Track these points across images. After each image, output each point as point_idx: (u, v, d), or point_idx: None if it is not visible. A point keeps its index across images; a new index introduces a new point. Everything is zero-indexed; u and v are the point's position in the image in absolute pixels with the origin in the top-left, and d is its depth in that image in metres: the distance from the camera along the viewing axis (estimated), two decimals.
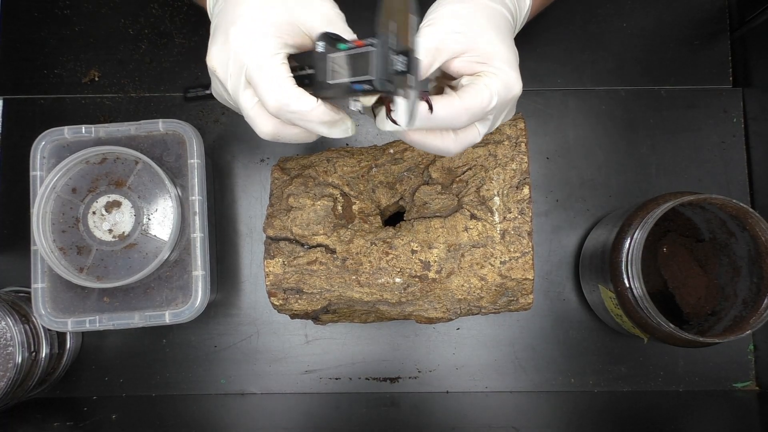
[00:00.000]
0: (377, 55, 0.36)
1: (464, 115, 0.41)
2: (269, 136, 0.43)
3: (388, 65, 0.36)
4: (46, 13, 0.77)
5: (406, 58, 0.36)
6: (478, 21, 0.44)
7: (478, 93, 0.42)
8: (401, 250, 0.57)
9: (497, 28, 0.45)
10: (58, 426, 0.65)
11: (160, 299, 0.65)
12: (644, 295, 0.57)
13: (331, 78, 0.39)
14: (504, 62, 0.43)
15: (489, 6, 0.46)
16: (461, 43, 0.43)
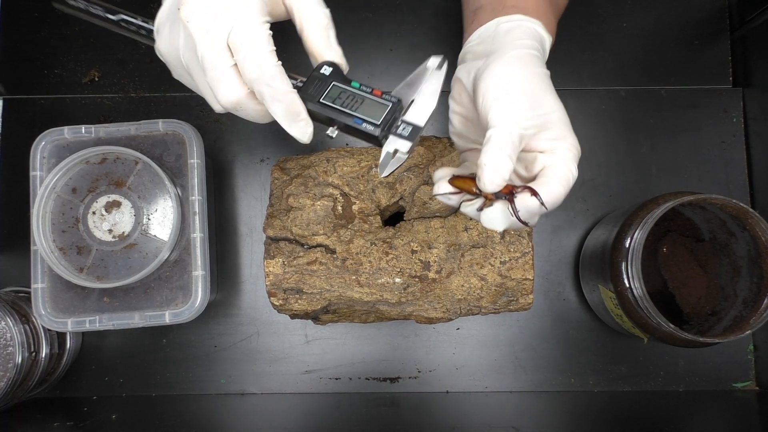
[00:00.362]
0: (389, 112, 0.41)
1: (562, 198, 0.44)
2: (230, 104, 0.42)
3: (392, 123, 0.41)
4: (46, 13, 0.77)
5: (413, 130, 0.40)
6: (545, 97, 0.44)
7: (568, 174, 0.44)
8: (401, 250, 0.57)
9: (556, 97, 0.45)
10: (58, 426, 0.65)
11: (160, 299, 0.65)
12: (644, 295, 0.57)
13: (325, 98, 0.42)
14: (570, 133, 0.45)
15: (544, 75, 0.46)
16: (536, 125, 0.43)
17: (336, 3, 0.76)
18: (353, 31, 0.76)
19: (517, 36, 0.48)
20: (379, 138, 0.41)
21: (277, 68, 0.40)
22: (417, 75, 0.43)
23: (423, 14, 0.77)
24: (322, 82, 0.42)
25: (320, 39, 0.43)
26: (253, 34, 0.40)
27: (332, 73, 0.43)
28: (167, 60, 0.45)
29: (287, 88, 0.41)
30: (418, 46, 0.76)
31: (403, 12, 0.77)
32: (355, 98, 0.42)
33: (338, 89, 0.42)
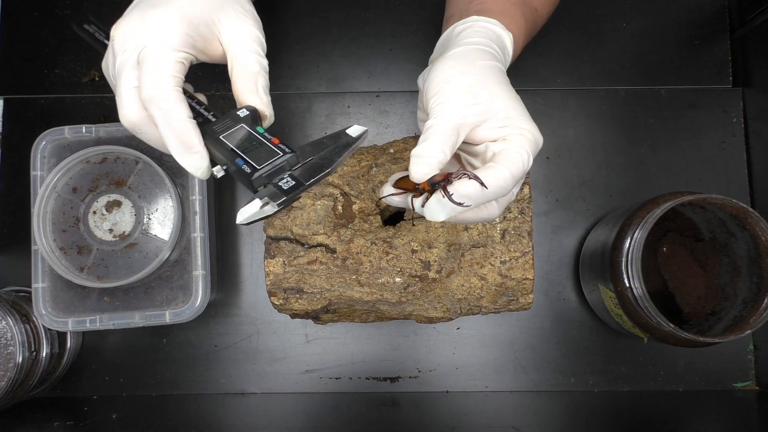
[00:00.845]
0: (279, 160, 0.38)
1: (510, 182, 0.42)
2: (129, 124, 0.42)
3: (275, 174, 0.38)
4: (46, 13, 0.77)
5: (294, 185, 0.37)
6: (487, 86, 0.44)
7: (517, 158, 0.42)
8: (401, 250, 0.57)
9: (504, 86, 0.45)
10: (59, 425, 0.65)
11: (160, 299, 0.65)
12: (644, 295, 0.57)
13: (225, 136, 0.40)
14: (523, 119, 0.44)
15: (491, 66, 0.46)
16: (480, 114, 0.43)
17: (336, 3, 0.77)
18: (353, 31, 0.76)
19: (466, 35, 0.49)
20: (253, 181, 0.38)
21: (174, 93, 0.39)
22: (331, 137, 0.41)
23: (423, 14, 0.77)
24: (232, 122, 0.41)
25: (246, 85, 0.43)
26: (159, 56, 0.40)
27: (247, 116, 0.41)
28: (106, 77, 0.45)
29: (181, 115, 0.39)
30: (418, 46, 0.76)
31: (403, 12, 0.77)
32: (253, 141, 0.39)
33: (243, 131, 0.40)
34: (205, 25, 0.42)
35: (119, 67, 0.41)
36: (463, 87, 0.44)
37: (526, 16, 0.55)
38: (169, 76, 0.40)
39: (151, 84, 0.39)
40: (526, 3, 0.55)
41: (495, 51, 0.49)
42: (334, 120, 0.75)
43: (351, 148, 0.40)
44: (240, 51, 0.43)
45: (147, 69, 0.40)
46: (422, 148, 0.41)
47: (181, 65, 0.41)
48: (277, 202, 0.36)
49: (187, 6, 0.42)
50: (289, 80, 0.76)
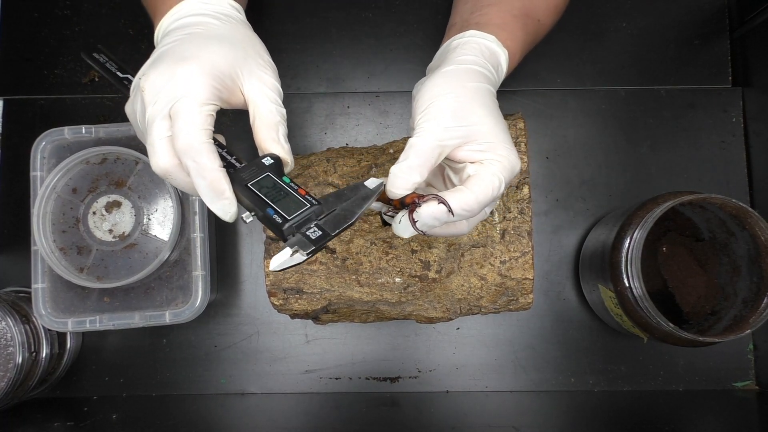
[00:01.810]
0: (306, 211, 0.41)
1: (477, 207, 0.44)
2: (161, 171, 0.44)
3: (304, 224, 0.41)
4: (46, 13, 0.77)
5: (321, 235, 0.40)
6: (473, 109, 0.45)
7: (487, 184, 0.44)
8: (401, 250, 0.57)
9: (491, 112, 0.46)
10: (59, 426, 0.65)
11: (160, 299, 0.65)
12: (644, 295, 0.57)
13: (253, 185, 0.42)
14: (504, 146, 0.45)
15: (479, 89, 0.47)
16: (462, 137, 0.45)
17: (336, 3, 0.77)
18: (353, 31, 0.76)
19: (461, 51, 0.50)
20: (284, 231, 0.40)
21: (206, 145, 0.42)
22: (351, 188, 0.44)
23: (423, 14, 0.77)
24: (258, 170, 0.43)
25: (269, 134, 0.45)
26: (191, 110, 0.42)
27: (271, 165, 0.44)
28: (130, 121, 0.47)
29: (213, 165, 0.42)
30: (418, 47, 0.76)
31: (403, 12, 0.77)
32: (280, 191, 0.42)
33: (270, 180, 0.43)
34: (230, 78, 0.45)
35: (150, 118, 0.43)
36: (449, 108, 0.45)
37: (527, 29, 0.55)
38: (201, 130, 0.42)
39: (185, 137, 0.42)
40: (529, 15, 0.55)
41: (487, 71, 0.49)
42: (334, 120, 0.75)
43: (370, 200, 0.43)
44: (261, 102, 0.45)
45: (181, 123, 0.42)
46: (400, 167, 0.44)
47: (211, 117, 0.43)
48: (306, 251, 0.39)
49: (214, 61, 0.44)
50: (289, 80, 0.76)
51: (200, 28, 0.47)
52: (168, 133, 0.43)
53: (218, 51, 0.45)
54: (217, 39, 0.46)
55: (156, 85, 0.43)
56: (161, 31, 0.50)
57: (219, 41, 0.46)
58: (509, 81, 0.76)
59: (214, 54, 0.44)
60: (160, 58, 0.45)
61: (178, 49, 0.45)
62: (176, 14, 0.49)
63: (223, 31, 0.47)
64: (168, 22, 0.49)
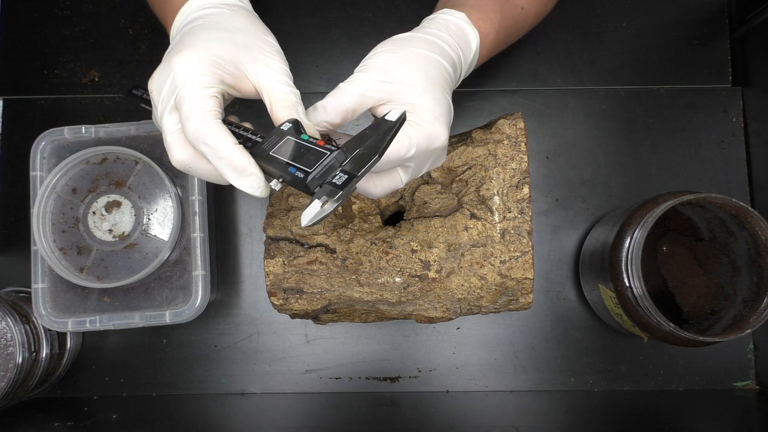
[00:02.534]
0: (327, 159, 0.39)
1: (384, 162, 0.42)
2: (180, 165, 0.43)
3: (327, 173, 0.39)
4: (46, 13, 0.77)
5: (347, 178, 0.38)
6: (408, 71, 0.45)
7: (398, 143, 0.43)
8: (401, 250, 0.57)
9: (428, 79, 0.46)
10: (59, 426, 0.65)
11: (160, 299, 0.65)
12: (644, 295, 0.57)
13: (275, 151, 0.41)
14: (429, 113, 0.44)
15: (424, 55, 0.47)
16: (386, 92, 0.44)
17: (336, 3, 0.77)
18: (353, 31, 0.76)
19: (425, 25, 0.50)
20: (308, 185, 0.39)
21: (214, 126, 0.41)
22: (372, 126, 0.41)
23: (423, 14, 0.76)
24: (278, 137, 0.42)
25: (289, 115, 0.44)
26: (191, 95, 0.41)
27: (290, 128, 0.42)
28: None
29: (226, 144, 0.41)
30: None
31: (403, 12, 0.77)
32: (300, 149, 0.41)
33: (290, 143, 0.42)
34: (231, 64, 0.44)
35: (160, 114, 0.43)
36: (383, 63, 0.45)
37: (505, 13, 0.55)
38: (207, 112, 0.41)
39: (191, 123, 0.41)
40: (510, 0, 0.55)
41: (447, 45, 0.49)
42: None
43: (393, 132, 0.40)
44: (273, 87, 0.44)
45: (185, 110, 0.41)
46: (321, 102, 0.44)
47: (215, 99, 0.42)
48: (334, 198, 0.37)
49: (209, 47, 0.43)
50: None
51: (202, 21, 0.47)
52: (178, 126, 0.42)
53: (215, 38, 0.44)
54: (215, 28, 0.45)
55: (158, 84, 0.43)
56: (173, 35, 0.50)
57: (217, 30, 0.45)
58: (509, 80, 0.76)
59: (209, 42, 0.44)
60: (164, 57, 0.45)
61: (177, 45, 0.45)
62: (184, 13, 0.49)
63: (222, 20, 0.46)
64: (178, 23, 0.49)
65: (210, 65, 0.43)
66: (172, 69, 0.43)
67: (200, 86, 0.42)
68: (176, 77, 0.42)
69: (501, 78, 0.76)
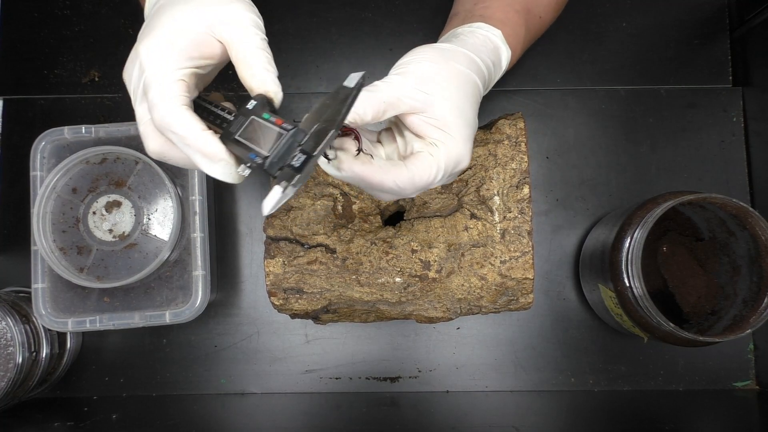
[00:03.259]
0: (283, 141, 0.36)
1: (410, 188, 0.42)
2: (155, 154, 0.42)
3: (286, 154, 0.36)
4: (46, 13, 0.77)
5: (304, 159, 0.36)
6: (447, 87, 0.44)
7: (426, 167, 0.42)
8: (401, 250, 0.57)
9: (465, 97, 0.45)
10: (59, 426, 0.65)
11: (160, 299, 0.65)
12: (644, 295, 0.57)
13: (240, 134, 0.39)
14: (459, 134, 0.43)
15: (464, 74, 0.46)
16: (421, 102, 0.43)
17: (336, 3, 0.77)
18: (353, 31, 0.76)
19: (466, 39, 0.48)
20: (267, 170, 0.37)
21: (179, 113, 0.39)
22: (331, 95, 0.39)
23: (423, 14, 0.77)
24: (245, 118, 0.40)
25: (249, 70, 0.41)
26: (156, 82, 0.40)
27: (256, 106, 0.40)
28: None
29: (193, 131, 0.39)
30: None
31: (403, 12, 0.77)
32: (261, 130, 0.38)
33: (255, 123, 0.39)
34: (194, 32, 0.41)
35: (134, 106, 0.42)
36: (424, 72, 0.43)
37: (529, 26, 0.54)
38: (172, 98, 0.40)
39: (157, 112, 0.40)
40: (530, 11, 0.55)
41: (483, 65, 0.48)
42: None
43: (350, 99, 0.37)
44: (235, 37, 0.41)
45: (150, 99, 0.40)
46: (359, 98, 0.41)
47: (181, 83, 0.41)
48: (292, 183, 0.35)
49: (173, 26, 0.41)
50: (288, 80, 0.76)
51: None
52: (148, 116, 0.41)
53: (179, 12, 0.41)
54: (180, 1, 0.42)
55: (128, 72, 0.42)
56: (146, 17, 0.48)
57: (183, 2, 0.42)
58: (509, 81, 0.76)
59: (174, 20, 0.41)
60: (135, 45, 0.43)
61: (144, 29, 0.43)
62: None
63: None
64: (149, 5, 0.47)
65: (174, 44, 0.41)
66: (138, 55, 0.41)
67: (164, 72, 0.40)
68: (142, 64, 0.41)
69: (501, 78, 0.76)
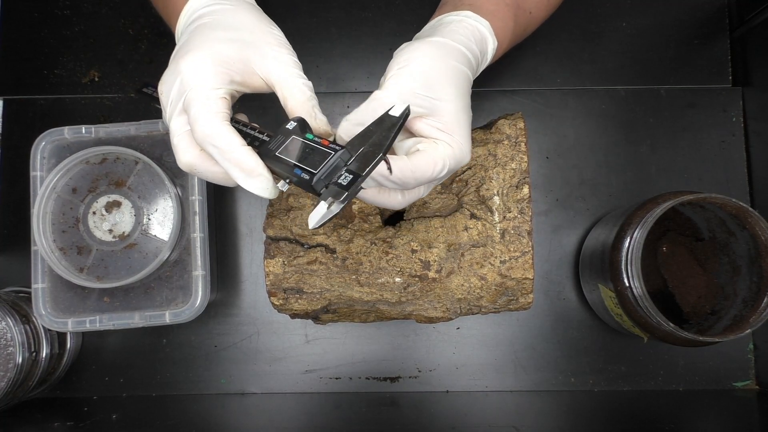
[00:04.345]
0: (332, 160, 0.39)
1: (412, 181, 0.43)
2: (186, 167, 0.44)
3: (332, 173, 0.39)
4: (46, 13, 0.77)
5: (352, 178, 0.38)
6: (445, 87, 0.45)
7: (430, 164, 0.43)
8: (401, 250, 0.57)
9: (462, 95, 0.46)
10: (59, 426, 0.65)
11: (160, 299, 0.65)
12: (644, 295, 0.57)
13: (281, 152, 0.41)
14: (463, 135, 0.45)
15: (460, 71, 0.46)
16: (427, 108, 0.44)
17: (336, 3, 0.77)
18: (353, 31, 0.76)
19: (454, 29, 0.49)
20: (314, 186, 0.39)
21: (223, 128, 0.41)
22: (376, 123, 0.41)
23: (423, 14, 0.76)
24: (284, 137, 0.42)
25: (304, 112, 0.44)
26: (200, 97, 0.42)
27: (295, 127, 0.43)
28: None
29: (235, 146, 0.41)
30: None
31: (403, 12, 0.77)
32: (305, 149, 0.41)
33: (296, 142, 0.42)
34: (239, 62, 0.44)
35: (169, 117, 0.43)
36: (424, 76, 0.44)
37: (518, 20, 0.55)
38: (215, 114, 0.41)
39: (200, 125, 0.41)
40: (521, 6, 0.55)
41: (472, 56, 0.49)
42: (334, 120, 0.75)
43: (397, 128, 0.40)
44: (286, 82, 0.44)
45: (194, 113, 0.42)
46: (355, 114, 0.43)
47: (224, 101, 0.43)
48: (340, 199, 0.38)
49: (216, 47, 0.44)
50: None
51: (207, 19, 0.47)
52: (185, 128, 0.43)
53: (222, 37, 0.44)
54: (221, 27, 0.45)
55: (167, 86, 0.44)
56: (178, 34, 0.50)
57: (223, 28, 0.45)
58: (509, 80, 0.76)
59: (217, 42, 0.44)
60: (172, 58, 0.45)
61: (184, 46, 0.45)
62: (188, 12, 0.48)
63: (228, 17, 0.46)
64: (183, 22, 0.49)
65: (218, 66, 0.43)
66: (180, 71, 0.43)
67: (209, 88, 0.42)
68: (185, 79, 0.43)
69: (501, 78, 0.76)
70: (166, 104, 0.44)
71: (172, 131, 0.44)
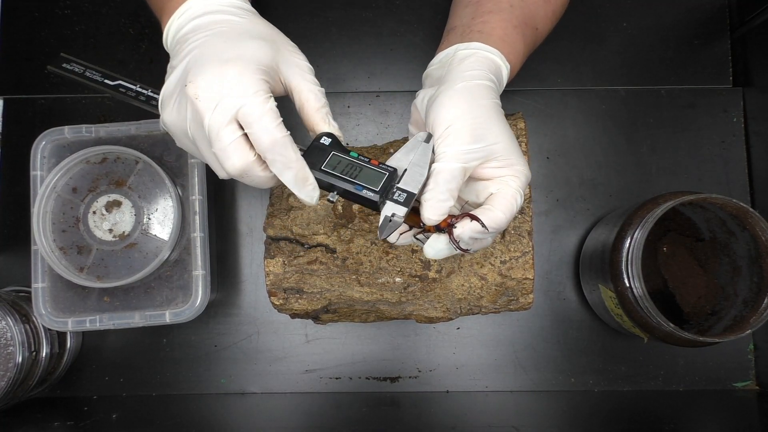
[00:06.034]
0: (386, 181, 0.45)
1: (505, 223, 0.46)
2: (237, 171, 0.45)
3: (388, 192, 0.45)
4: (46, 13, 0.77)
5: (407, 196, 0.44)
6: (490, 128, 0.47)
7: (510, 200, 0.46)
8: (401, 250, 0.57)
9: (504, 127, 0.48)
10: (59, 425, 0.65)
11: (160, 299, 0.65)
12: (644, 295, 0.57)
13: (325, 165, 0.45)
14: (519, 159, 0.47)
15: (490, 105, 0.48)
16: (483, 157, 0.46)
17: (336, 3, 0.77)
18: (353, 31, 0.76)
19: (468, 66, 0.50)
20: (378, 204, 0.44)
21: (287, 138, 0.44)
22: (408, 147, 0.47)
23: (423, 14, 0.77)
24: (321, 152, 0.46)
25: (320, 117, 0.48)
26: (263, 109, 0.43)
27: (331, 143, 0.47)
28: (172, 131, 0.47)
29: (297, 156, 0.44)
30: (418, 46, 0.76)
31: (403, 12, 0.77)
32: (354, 167, 0.45)
33: (338, 158, 0.46)
34: (272, 70, 0.46)
35: (215, 125, 0.43)
36: (469, 130, 0.46)
37: (526, 40, 0.56)
38: (279, 126, 0.43)
39: (269, 136, 0.43)
40: (528, 24, 0.56)
41: (494, 85, 0.50)
42: (335, 120, 0.75)
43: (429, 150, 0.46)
44: (305, 89, 0.47)
45: (261, 124, 0.43)
46: (433, 194, 0.45)
47: (277, 111, 0.44)
48: (402, 215, 0.43)
49: (257, 57, 0.45)
50: None
51: (225, 26, 0.47)
52: (235, 135, 0.43)
53: (256, 46, 0.45)
54: (247, 35, 0.46)
55: (210, 92, 0.43)
56: (172, 31, 0.49)
57: (251, 37, 0.46)
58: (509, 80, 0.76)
59: (254, 50, 0.45)
60: (198, 62, 0.45)
61: (212, 50, 0.45)
62: (188, 13, 0.48)
63: (247, 26, 0.48)
64: (181, 22, 0.48)
65: (262, 74, 0.44)
66: (228, 80, 0.43)
67: (265, 98, 0.44)
68: (235, 89, 0.43)
69: None
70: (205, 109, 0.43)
71: (222, 139, 0.43)
